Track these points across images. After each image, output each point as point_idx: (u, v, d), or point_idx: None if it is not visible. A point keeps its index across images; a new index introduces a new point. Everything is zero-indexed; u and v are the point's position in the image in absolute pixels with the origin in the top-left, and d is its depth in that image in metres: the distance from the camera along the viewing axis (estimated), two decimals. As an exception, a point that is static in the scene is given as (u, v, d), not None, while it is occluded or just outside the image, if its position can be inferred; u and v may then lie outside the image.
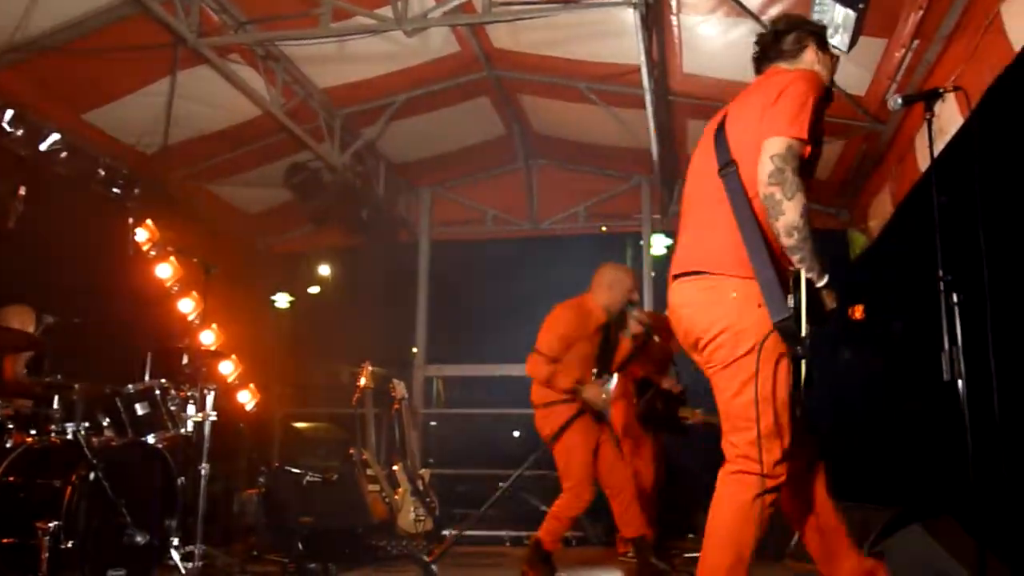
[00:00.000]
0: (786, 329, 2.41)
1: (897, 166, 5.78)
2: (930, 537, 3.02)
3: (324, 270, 15.92)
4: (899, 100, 2.99)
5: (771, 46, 2.92)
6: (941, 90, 3.16)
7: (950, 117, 4.71)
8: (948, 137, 4.84)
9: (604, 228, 8.19)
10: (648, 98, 5.42)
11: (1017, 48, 3.86)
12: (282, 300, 10.71)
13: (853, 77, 5.22)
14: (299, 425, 8.58)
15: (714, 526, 2.49)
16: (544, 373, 4.54)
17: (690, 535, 6.50)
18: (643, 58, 4.94)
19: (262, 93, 5.62)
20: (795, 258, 2.46)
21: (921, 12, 4.31)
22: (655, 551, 4.80)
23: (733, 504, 2.47)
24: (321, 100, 6.22)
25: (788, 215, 2.43)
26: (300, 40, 5.34)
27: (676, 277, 2.73)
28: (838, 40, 4.25)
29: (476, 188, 8.23)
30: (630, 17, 4.78)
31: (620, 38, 5.38)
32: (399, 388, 6.35)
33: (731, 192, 2.59)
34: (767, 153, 2.48)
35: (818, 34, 2.91)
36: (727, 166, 2.62)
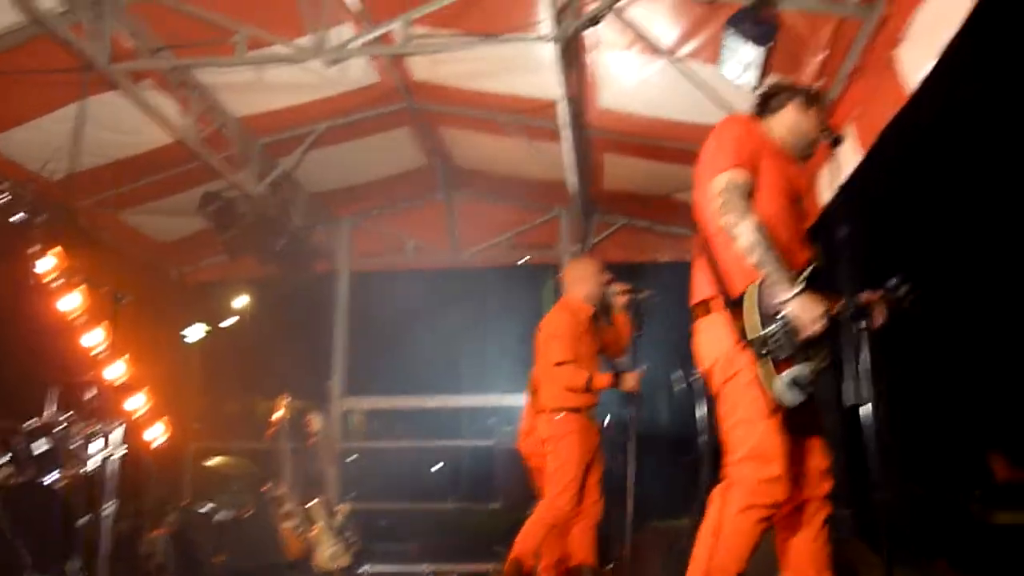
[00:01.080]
0: (753, 346, 2.56)
1: (803, 200, 6.01)
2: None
3: (239, 301, 15.57)
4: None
5: (760, 105, 3.24)
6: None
7: (848, 155, 4.95)
8: (846, 173, 5.09)
9: (526, 258, 8.27)
10: (565, 132, 5.53)
11: (911, 88, 4.08)
12: (195, 332, 10.40)
13: (761, 114, 5.43)
14: (210, 462, 8.33)
15: (703, 535, 2.69)
16: (582, 378, 4.60)
17: (609, 566, 6.53)
18: (561, 93, 5.05)
19: (176, 120, 5.52)
20: (762, 273, 2.60)
21: (824, 53, 4.53)
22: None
23: (720, 514, 2.65)
24: (237, 128, 6.13)
25: (742, 238, 2.60)
26: (216, 67, 5.28)
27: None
28: (746, 78, 4.44)
29: (397, 219, 8.21)
30: (548, 52, 4.89)
31: (539, 73, 5.47)
32: (316, 421, 6.24)
33: (704, 249, 2.88)
34: (713, 192, 2.73)
35: (800, 95, 3.19)
36: (697, 229, 2.96)
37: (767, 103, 3.22)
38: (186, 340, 9.43)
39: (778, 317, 2.56)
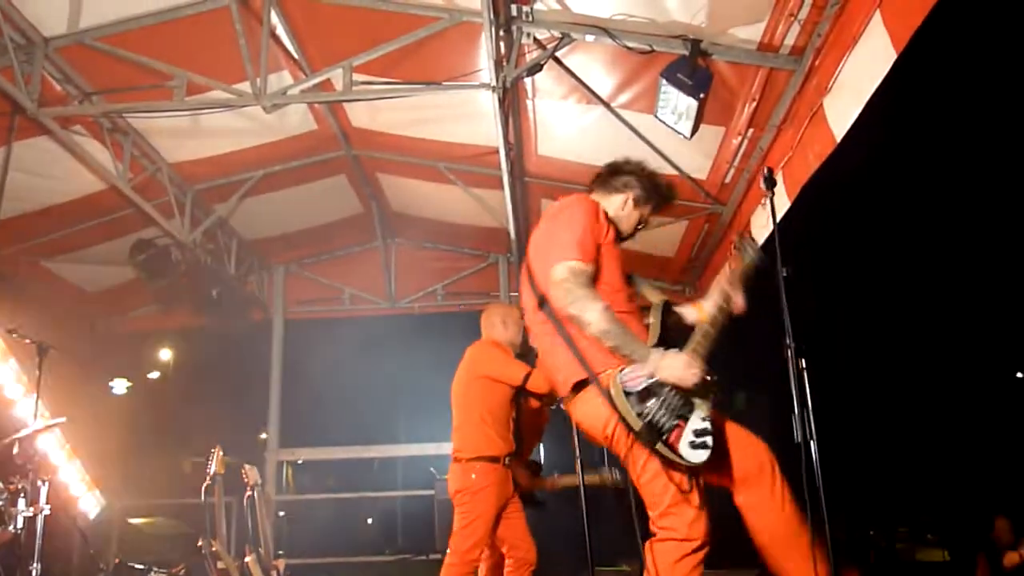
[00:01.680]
0: (642, 437, 2.57)
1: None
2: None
3: (166, 353, 15.15)
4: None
5: (601, 177, 3.24)
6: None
7: (779, 200, 5.12)
8: (777, 217, 5.25)
9: (460, 305, 8.26)
10: (505, 179, 5.59)
11: (839, 136, 4.25)
12: (120, 386, 10.05)
13: (695, 162, 5.60)
14: (136, 520, 8.00)
15: None
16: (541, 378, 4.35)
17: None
18: (501, 140, 5.11)
19: (108, 166, 5.39)
20: (621, 356, 2.65)
21: (754, 103, 4.70)
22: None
23: (656, 569, 2.63)
24: (171, 175, 6.03)
25: (593, 326, 2.65)
26: (150, 113, 5.19)
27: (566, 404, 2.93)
28: (681, 127, 4.57)
29: (333, 266, 8.13)
30: (488, 101, 4.96)
31: (478, 120, 5.55)
32: (252, 474, 6.03)
33: (553, 323, 2.85)
34: (554, 281, 2.75)
35: (643, 190, 3.16)
36: (542, 303, 2.90)
37: (608, 179, 3.21)
38: (112, 393, 9.10)
39: (654, 392, 2.61)
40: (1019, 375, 21.32)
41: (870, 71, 3.86)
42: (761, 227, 5.47)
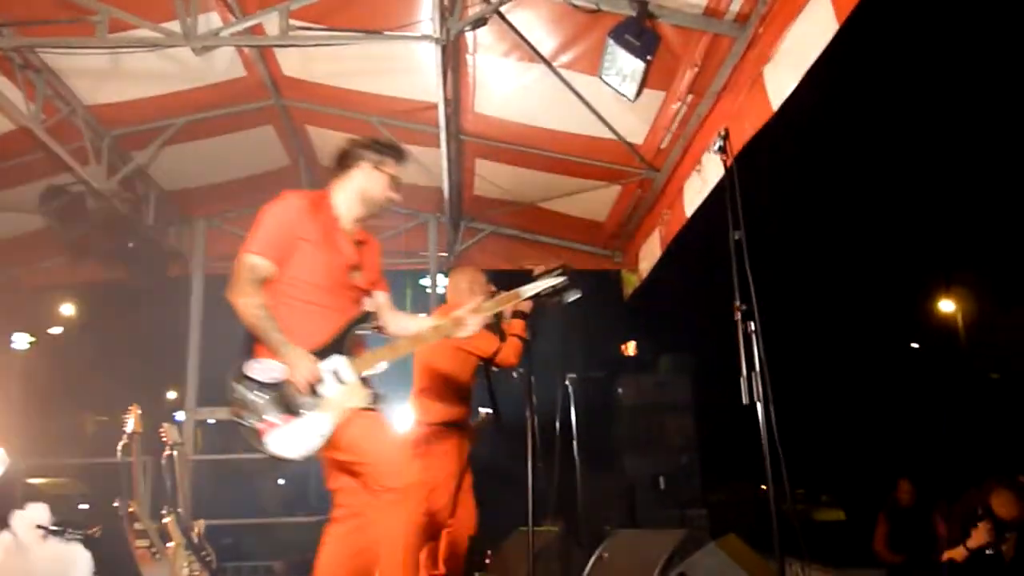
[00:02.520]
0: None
1: (668, 211, 6.25)
2: (725, 554, 3.23)
3: (71, 308, 14.53)
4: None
5: (335, 167, 3.36)
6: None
7: (714, 168, 5.19)
8: (711, 185, 5.33)
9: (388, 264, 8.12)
10: (443, 136, 5.49)
11: (776, 106, 4.31)
12: (22, 340, 9.60)
13: (633, 127, 5.61)
14: (36, 480, 7.70)
15: None
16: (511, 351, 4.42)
17: (476, 573, 6.50)
18: (441, 96, 5.01)
19: (19, 106, 5.05)
20: (269, 348, 2.92)
21: (696, 69, 4.73)
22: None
23: None
24: (88, 118, 5.70)
25: (241, 315, 2.95)
26: (68, 50, 4.88)
27: None
28: (625, 89, 4.56)
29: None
30: (426, 54, 4.85)
31: (415, 74, 5.43)
32: (171, 433, 5.84)
33: None
34: (237, 267, 3.06)
35: (374, 152, 3.30)
36: None
37: (339, 165, 3.33)
38: (13, 348, 8.68)
39: (266, 385, 2.92)
40: (913, 345, 22.47)
41: (812, 41, 3.91)
42: (695, 193, 5.53)
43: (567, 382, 6.42)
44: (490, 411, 4.92)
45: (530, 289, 3.36)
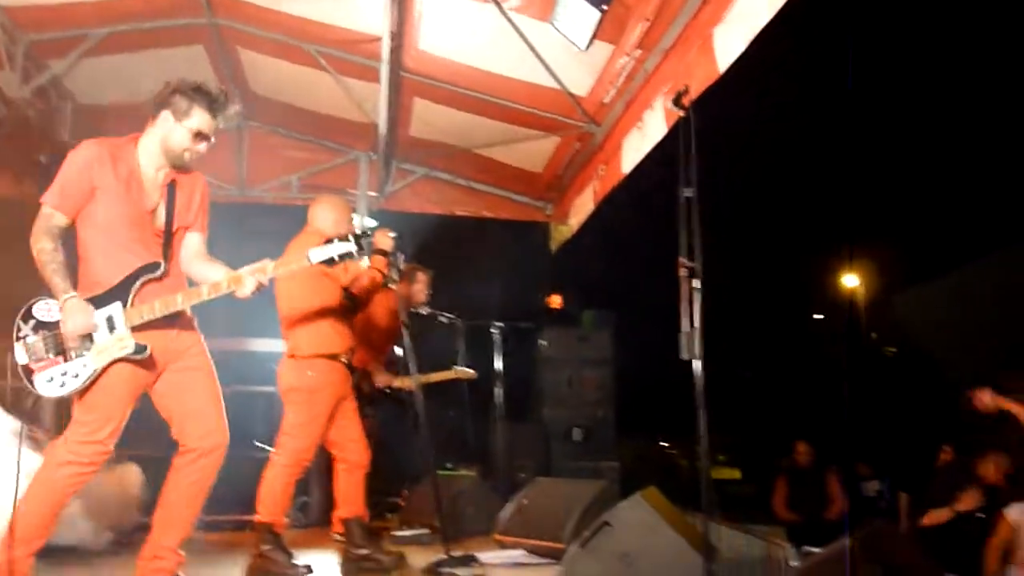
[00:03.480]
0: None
1: (604, 166, 6.25)
2: (648, 506, 3.30)
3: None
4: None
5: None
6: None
7: (656, 126, 5.20)
8: (651, 143, 5.35)
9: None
10: (384, 71, 5.34)
11: (722, 68, 4.32)
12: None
13: (578, 79, 5.56)
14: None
15: None
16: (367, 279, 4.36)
17: (388, 513, 6.53)
18: (387, 28, 4.86)
19: (-75, -1, 4.67)
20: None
21: (647, 23, 4.69)
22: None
23: None
24: (3, 20, 5.31)
25: (37, 260, 3.03)
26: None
27: None
28: (577, 37, 4.50)
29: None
30: (375, -18, 4.67)
31: (358, 4, 5.24)
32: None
33: None
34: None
35: (182, 102, 3.19)
36: None
37: (153, 105, 3.28)
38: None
39: (41, 324, 3.04)
40: (816, 316, 23.40)
41: (764, 5, 3.92)
42: (634, 150, 5.54)
43: (493, 331, 6.43)
44: (468, 368, 4.86)
45: (319, 254, 3.26)
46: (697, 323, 2.84)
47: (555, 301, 8.32)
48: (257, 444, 7.05)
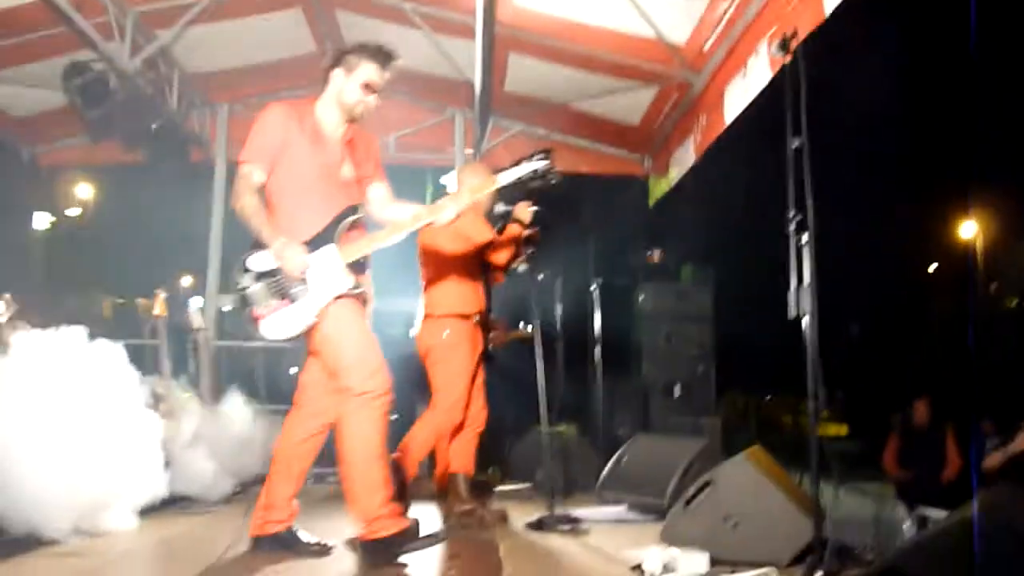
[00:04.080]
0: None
1: (706, 116, 6.06)
2: (752, 466, 3.23)
3: (88, 190, 14.46)
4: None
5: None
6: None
7: (760, 73, 4.98)
8: (756, 91, 5.14)
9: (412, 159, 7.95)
10: (479, 27, 5.28)
11: (828, 10, 4.09)
12: (43, 220, 9.58)
13: (677, 26, 5.39)
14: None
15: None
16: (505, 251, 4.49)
17: (490, 469, 6.63)
18: (482, -18, 4.78)
19: (41, -25, 4.86)
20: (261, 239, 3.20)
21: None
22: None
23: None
24: (112, -8, 5.50)
25: (242, 216, 3.22)
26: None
27: None
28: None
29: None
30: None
31: (453, -40, 5.20)
32: (197, 318, 5.87)
33: None
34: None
35: (352, 58, 3.41)
36: None
37: (326, 67, 3.49)
38: (33, 228, 8.67)
39: (259, 273, 3.18)
40: (930, 269, 22.33)
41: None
42: (737, 99, 5.34)
43: (592, 288, 6.38)
44: (531, 327, 4.86)
45: (507, 176, 3.42)
46: (807, 279, 2.72)
47: (654, 256, 8.16)
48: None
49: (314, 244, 3.22)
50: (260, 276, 3.19)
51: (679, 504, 3.38)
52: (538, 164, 3.39)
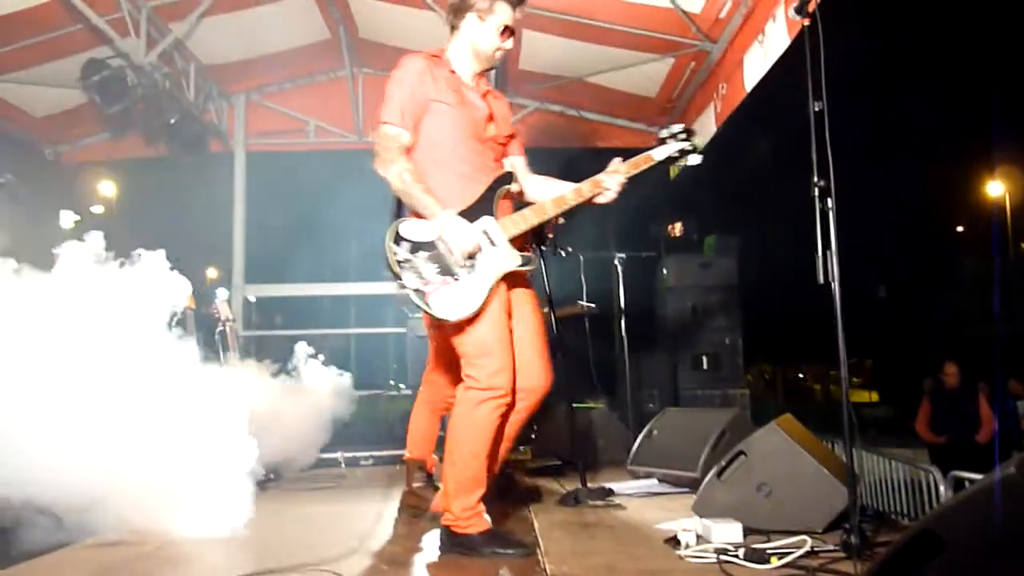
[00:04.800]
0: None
1: (725, 85, 5.99)
2: (784, 434, 3.22)
3: (110, 187, 14.62)
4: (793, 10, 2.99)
5: (448, 15, 3.20)
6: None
7: (779, 38, 4.92)
8: (775, 56, 5.07)
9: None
10: (491, 4, 5.24)
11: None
12: (67, 219, 9.65)
13: (690, -6, 5.32)
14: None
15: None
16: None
17: (521, 448, 6.66)
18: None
19: (54, -26, 4.89)
20: (420, 213, 2.89)
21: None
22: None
23: (460, 415, 2.96)
24: (123, -13, 5.53)
25: (392, 184, 2.90)
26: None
27: None
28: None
29: (297, 96, 7.70)
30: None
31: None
32: (224, 309, 5.92)
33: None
34: (375, 138, 3.00)
35: (482, 2, 3.08)
36: None
37: (450, 22, 3.17)
38: (59, 227, 8.75)
39: (425, 246, 2.85)
40: (959, 229, 22.02)
41: None
42: (756, 66, 5.28)
43: (615, 262, 6.36)
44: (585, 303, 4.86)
45: (661, 152, 3.23)
46: (833, 245, 2.69)
47: (676, 229, 8.10)
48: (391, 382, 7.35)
49: (472, 214, 2.92)
50: (416, 248, 2.85)
51: (711, 475, 3.37)
52: (685, 144, 3.21)
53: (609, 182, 3.08)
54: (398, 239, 2.86)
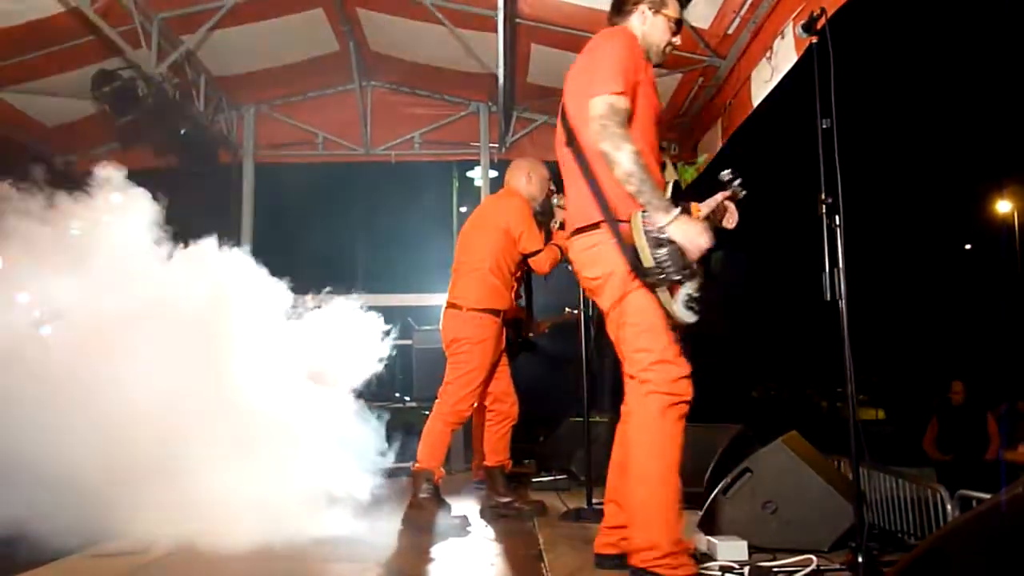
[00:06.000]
0: (634, 268, 2.62)
1: (732, 100, 6.01)
2: (790, 452, 3.21)
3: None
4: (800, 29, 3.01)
5: (613, 9, 3.05)
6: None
7: (787, 54, 4.93)
8: (783, 73, 5.08)
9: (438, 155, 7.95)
10: (500, 19, 5.28)
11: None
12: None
13: (698, 9, 5.32)
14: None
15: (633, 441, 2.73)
16: (555, 254, 4.41)
17: (526, 460, 6.64)
18: (501, -25, 4.78)
19: (68, -14, 4.94)
20: (640, 201, 2.63)
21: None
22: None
23: (644, 423, 2.70)
24: (136, 0, 5.57)
25: (621, 166, 2.60)
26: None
27: (570, 237, 2.96)
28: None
29: (306, 109, 7.74)
30: (487, -70, 4.60)
31: (472, -47, 5.19)
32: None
33: (577, 161, 2.83)
34: (592, 115, 2.66)
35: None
36: (569, 141, 2.87)
37: (619, 8, 3.02)
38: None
39: (664, 243, 2.60)
40: (967, 247, 21.97)
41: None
42: (763, 82, 5.29)
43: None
44: (575, 310, 4.86)
45: (708, 204, 3.20)
46: (840, 262, 2.69)
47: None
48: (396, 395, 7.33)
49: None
50: (659, 243, 2.59)
51: (717, 492, 3.36)
52: (736, 188, 3.18)
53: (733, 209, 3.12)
54: (646, 234, 2.59)
